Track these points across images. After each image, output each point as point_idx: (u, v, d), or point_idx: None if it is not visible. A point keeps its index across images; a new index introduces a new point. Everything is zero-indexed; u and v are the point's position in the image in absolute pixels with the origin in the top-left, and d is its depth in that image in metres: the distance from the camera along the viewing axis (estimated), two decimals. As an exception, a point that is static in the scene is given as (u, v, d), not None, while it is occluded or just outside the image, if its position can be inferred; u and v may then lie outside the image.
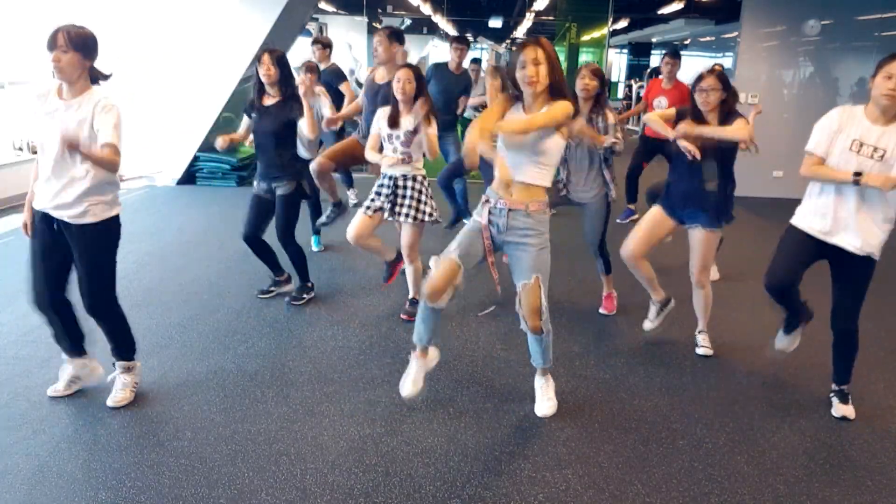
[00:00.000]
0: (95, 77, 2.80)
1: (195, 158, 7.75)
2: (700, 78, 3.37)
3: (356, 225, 3.89)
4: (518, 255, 2.82)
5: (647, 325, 3.88)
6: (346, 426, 2.92)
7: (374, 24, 15.95)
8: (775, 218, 7.39)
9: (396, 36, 4.58)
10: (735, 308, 4.36)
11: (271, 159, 4.03)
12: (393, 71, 4.10)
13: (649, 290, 3.80)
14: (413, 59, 20.96)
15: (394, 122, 3.75)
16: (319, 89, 5.00)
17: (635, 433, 2.95)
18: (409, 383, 2.98)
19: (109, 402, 3.00)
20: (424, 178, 3.87)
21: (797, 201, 3.03)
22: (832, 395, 3.21)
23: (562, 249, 4.17)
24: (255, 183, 4.16)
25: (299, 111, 3.94)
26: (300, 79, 4.42)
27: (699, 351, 3.72)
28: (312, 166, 4.73)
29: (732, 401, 3.23)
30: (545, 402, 3.05)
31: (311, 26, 15.96)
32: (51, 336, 3.03)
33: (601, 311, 4.29)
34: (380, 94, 4.41)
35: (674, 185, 3.56)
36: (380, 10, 16.15)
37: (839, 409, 3.13)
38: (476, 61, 8.99)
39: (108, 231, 2.86)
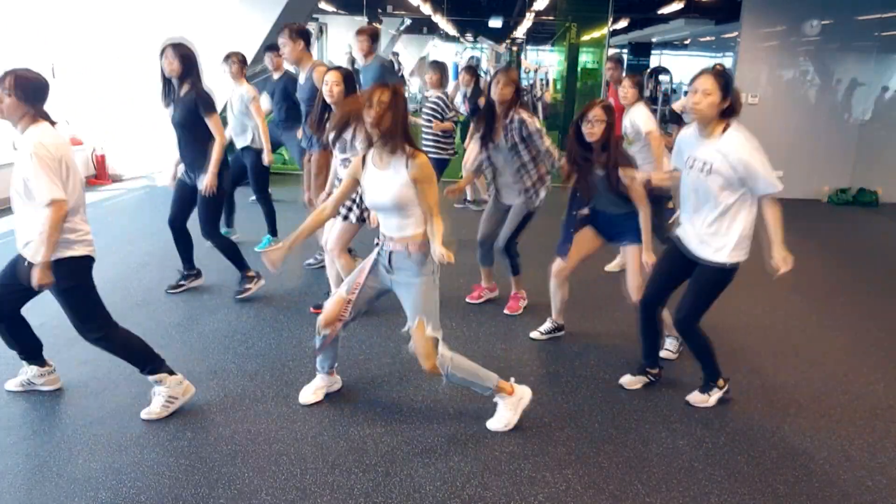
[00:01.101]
0: (45, 117, 2.73)
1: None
2: (588, 107, 3.31)
3: (326, 230, 3.94)
4: (403, 296, 2.81)
5: (535, 333, 3.86)
6: (346, 426, 2.92)
7: (374, 24, 15.95)
8: (775, 218, 7.39)
9: (300, 34, 4.39)
10: (733, 308, 4.35)
11: (189, 149, 4.04)
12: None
13: (558, 311, 3.83)
14: (412, 58, 20.99)
15: (318, 126, 3.75)
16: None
17: (635, 433, 2.95)
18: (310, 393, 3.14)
19: (143, 415, 2.94)
20: None
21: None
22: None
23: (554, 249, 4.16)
24: (181, 166, 4.20)
25: (204, 106, 3.92)
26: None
27: (663, 354, 3.63)
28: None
29: (732, 401, 3.23)
30: (495, 417, 2.97)
31: (311, 26, 15.96)
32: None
33: (505, 311, 4.24)
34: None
35: (598, 211, 3.55)
36: (380, 10, 16.14)
37: (692, 394, 3.21)
38: (471, 67, 8.38)
39: (68, 270, 2.75)
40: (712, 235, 2.90)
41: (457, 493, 2.51)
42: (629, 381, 3.34)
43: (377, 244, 2.85)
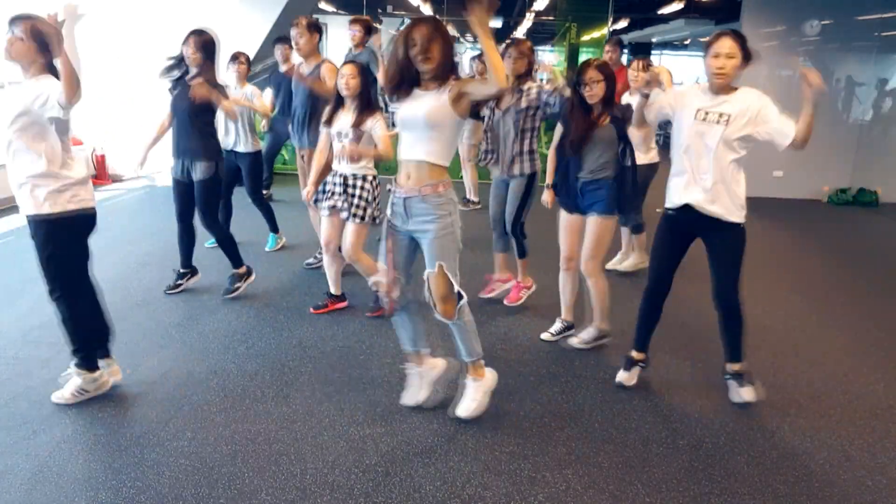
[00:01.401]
0: (54, 73, 2.75)
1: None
2: (582, 70, 3.38)
3: (326, 231, 3.93)
4: (422, 241, 2.81)
5: (574, 341, 3.77)
6: (346, 426, 2.92)
7: (374, 24, 15.97)
8: (775, 218, 7.40)
9: (315, 27, 4.54)
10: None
11: (187, 136, 4.03)
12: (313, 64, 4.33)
13: (567, 307, 3.86)
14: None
15: (328, 120, 3.76)
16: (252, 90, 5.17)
17: (635, 433, 2.95)
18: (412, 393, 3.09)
19: (53, 398, 2.98)
20: (375, 178, 3.85)
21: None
22: (728, 378, 3.23)
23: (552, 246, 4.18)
24: (172, 166, 4.18)
25: (216, 96, 3.93)
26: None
27: (572, 341, 3.73)
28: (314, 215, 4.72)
29: (732, 401, 3.23)
30: (467, 401, 2.97)
31: (311, 26, 15.90)
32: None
33: (505, 301, 4.29)
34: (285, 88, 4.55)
35: (570, 178, 3.57)
36: (380, 10, 16.15)
37: (740, 392, 3.17)
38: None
39: (44, 233, 2.79)
40: (721, 191, 2.91)
41: (457, 493, 2.51)
42: (626, 377, 3.34)
43: (390, 190, 2.83)
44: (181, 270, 4.45)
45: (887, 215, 7.72)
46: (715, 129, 2.87)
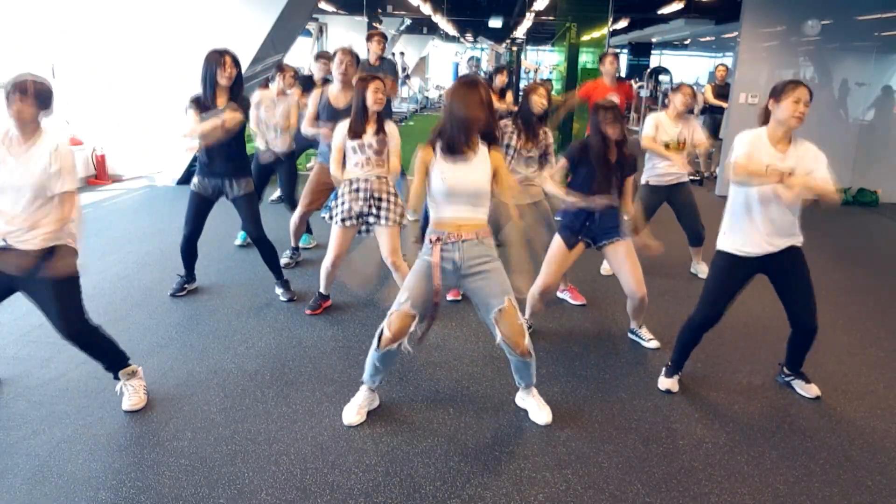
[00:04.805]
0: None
1: (195, 158, 7.75)
2: (607, 107, 3.46)
3: (340, 245, 3.89)
4: (481, 284, 2.80)
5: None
6: (345, 426, 2.92)
7: (374, 24, 15.98)
8: (775, 218, 7.39)
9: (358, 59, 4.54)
10: (733, 307, 4.34)
11: (228, 158, 4.03)
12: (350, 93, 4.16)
13: (532, 314, 3.86)
14: (413, 59, 21.03)
15: (357, 133, 3.67)
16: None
17: (635, 433, 2.95)
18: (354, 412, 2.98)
19: (124, 406, 2.98)
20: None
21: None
22: (791, 379, 3.36)
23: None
24: (196, 180, 4.13)
25: (244, 113, 3.94)
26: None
27: (651, 345, 3.80)
28: (295, 217, 4.82)
29: (732, 401, 3.24)
30: (543, 411, 3.01)
31: (311, 26, 15.95)
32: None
33: (571, 301, 4.44)
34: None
35: (581, 210, 3.56)
36: (380, 10, 16.14)
37: (810, 389, 3.30)
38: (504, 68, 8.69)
39: (74, 258, 2.84)
40: (791, 228, 3.02)
41: (457, 493, 2.51)
42: (671, 383, 3.32)
43: (435, 240, 2.77)
44: (284, 285, 4.39)
45: (887, 215, 7.72)
46: (778, 185, 2.89)
